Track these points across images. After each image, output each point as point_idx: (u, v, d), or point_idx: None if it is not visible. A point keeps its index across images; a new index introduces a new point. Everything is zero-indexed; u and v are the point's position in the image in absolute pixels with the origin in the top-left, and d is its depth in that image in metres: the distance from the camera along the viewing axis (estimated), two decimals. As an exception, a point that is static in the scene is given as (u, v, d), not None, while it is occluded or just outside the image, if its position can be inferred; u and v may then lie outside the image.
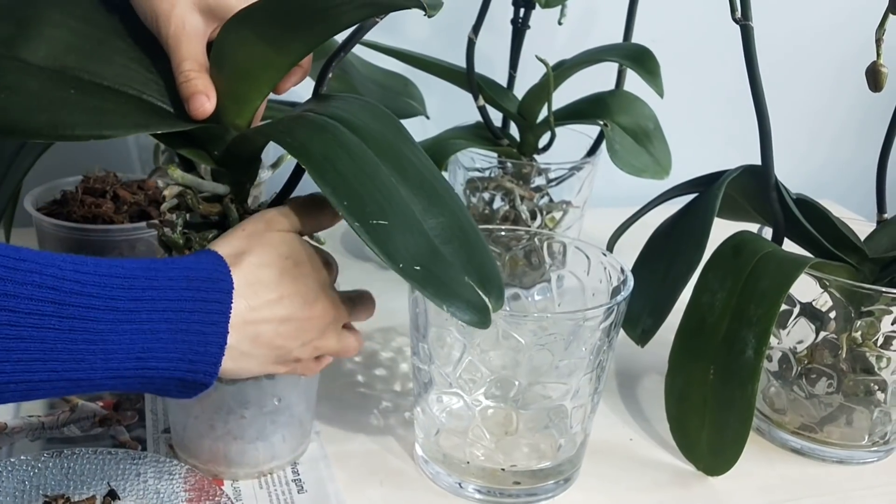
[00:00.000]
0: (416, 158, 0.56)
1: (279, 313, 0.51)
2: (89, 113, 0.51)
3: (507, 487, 0.63)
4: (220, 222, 0.58)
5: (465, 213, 0.56)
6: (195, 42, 0.55)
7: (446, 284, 0.50)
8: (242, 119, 0.56)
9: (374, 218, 0.49)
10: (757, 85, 0.64)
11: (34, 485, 0.58)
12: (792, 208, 0.68)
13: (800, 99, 1.28)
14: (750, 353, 0.62)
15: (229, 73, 0.55)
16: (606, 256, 0.66)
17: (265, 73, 0.55)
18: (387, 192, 0.51)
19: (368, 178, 0.51)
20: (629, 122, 0.87)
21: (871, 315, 0.67)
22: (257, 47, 0.54)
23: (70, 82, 0.52)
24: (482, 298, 0.52)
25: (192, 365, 0.47)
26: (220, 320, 0.48)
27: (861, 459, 0.71)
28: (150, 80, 0.55)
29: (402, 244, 0.49)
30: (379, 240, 0.49)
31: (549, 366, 0.60)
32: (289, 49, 0.54)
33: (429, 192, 0.54)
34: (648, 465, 0.69)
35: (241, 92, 0.55)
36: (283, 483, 0.63)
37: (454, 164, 0.91)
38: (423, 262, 0.50)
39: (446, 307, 0.49)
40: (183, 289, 0.47)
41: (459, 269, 0.52)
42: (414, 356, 0.64)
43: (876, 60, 0.57)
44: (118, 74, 0.54)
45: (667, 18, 1.08)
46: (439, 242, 0.52)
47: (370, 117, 0.56)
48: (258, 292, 0.51)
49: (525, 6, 0.88)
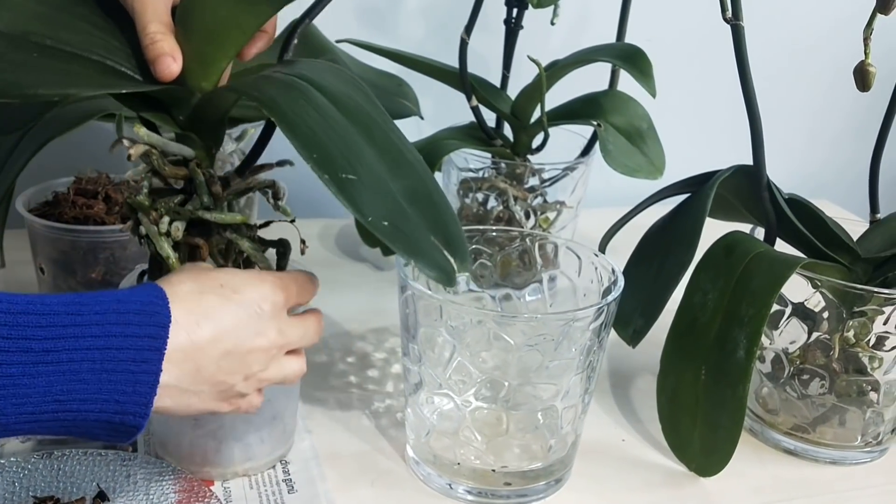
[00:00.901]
0: (384, 122, 0.55)
1: (221, 347, 0.49)
2: (54, 73, 0.50)
3: (498, 488, 0.63)
4: (184, 188, 0.58)
5: (431, 179, 0.55)
6: (160, 5, 0.54)
7: (414, 241, 0.50)
8: (208, 81, 0.55)
9: (344, 172, 0.48)
10: (748, 84, 0.64)
11: (24, 486, 0.58)
12: (784, 208, 0.68)
13: (798, 99, 1.28)
14: (741, 353, 0.62)
15: (195, 34, 0.54)
16: (598, 257, 0.66)
17: (232, 34, 0.54)
18: (356, 149, 0.51)
19: (337, 136, 0.50)
20: (623, 123, 0.86)
21: (864, 315, 0.67)
22: (224, 7, 0.53)
23: (33, 48, 0.51)
24: (447, 259, 0.51)
25: (119, 406, 0.44)
26: (152, 357, 0.46)
27: (854, 460, 0.71)
28: (115, 47, 0.55)
29: (370, 200, 0.49)
30: (348, 193, 0.48)
31: (539, 366, 0.60)
32: (256, 8, 0.54)
33: (395, 155, 0.53)
34: (640, 466, 0.68)
35: (207, 53, 0.55)
36: (273, 483, 0.63)
37: (448, 164, 0.91)
38: (391, 219, 0.49)
39: (414, 261, 0.49)
40: (111, 324, 0.44)
41: (425, 229, 0.51)
42: (404, 357, 0.64)
43: (864, 60, 0.57)
44: (82, 41, 0.53)
45: (661, 18, 1.08)
46: (406, 203, 0.52)
47: (338, 80, 0.56)
48: (200, 323, 0.48)
49: (518, 6, 0.88)
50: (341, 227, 1.06)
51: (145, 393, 0.45)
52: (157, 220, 0.56)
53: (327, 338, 0.82)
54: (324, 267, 0.65)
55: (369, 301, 0.89)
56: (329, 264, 0.96)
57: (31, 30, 0.52)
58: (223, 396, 0.51)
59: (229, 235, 0.59)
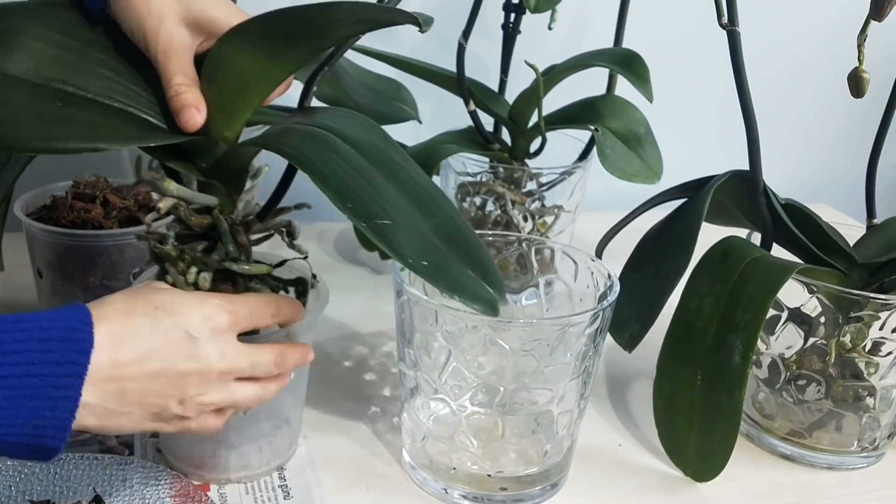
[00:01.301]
0: (407, 164, 0.57)
1: (148, 368, 0.48)
2: (81, 126, 0.51)
3: (493, 493, 0.63)
4: (207, 234, 0.58)
5: (459, 215, 0.57)
6: (184, 56, 0.55)
7: (455, 277, 0.51)
8: (231, 131, 0.56)
9: (379, 218, 0.50)
10: (744, 89, 0.64)
11: (20, 490, 0.58)
12: (780, 213, 0.68)
13: (797, 104, 1.28)
14: (737, 358, 0.62)
15: (221, 85, 0.55)
16: (594, 262, 0.66)
17: (257, 86, 0.56)
18: (386, 194, 0.52)
19: (367, 183, 0.52)
20: (620, 127, 0.87)
21: (860, 320, 0.67)
22: (251, 61, 0.54)
23: (55, 95, 0.52)
24: (487, 290, 0.53)
25: (37, 430, 0.44)
26: (73, 383, 0.45)
27: (850, 465, 0.71)
28: (135, 93, 0.56)
29: (407, 242, 0.50)
30: (386, 238, 0.49)
31: (534, 371, 0.60)
32: (282, 62, 0.55)
33: (423, 196, 0.55)
34: (636, 471, 0.68)
35: (232, 104, 0.56)
36: (270, 489, 0.63)
37: (446, 168, 0.91)
38: (429, 258, 0.51)
39: (458, 297, 0.50)
40: (31, 351, 0.44)
41: (462, 264, 0.53)
42: (400, 362, 0.64)
43: (858, 66, 0.57)
44: (103, 87, 0.54)
45: (658, 23, 1.08)
46: (439, 241, 0.53)
47: (358, 127, 0.57)
48: (124, 345, 0.48)
49: (515, 11, 0.88)
50: (339, 232, 1.06)
51: (63, 418, 0.45)
52: (185, 270, 0.57)
53: (325, 341, 0.82)
54: (322, 271, 0.65)
55: (367, 305, 0.89)
56: (327, 268, 0.97)
57: (52, 75, 0.53)
58: (159, 418, 0.50)
59: (254, 285, 0.59)
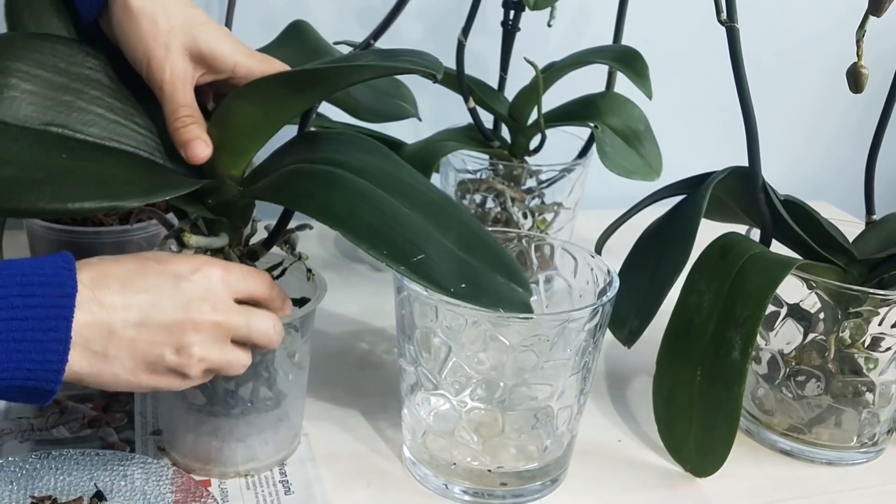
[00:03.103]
0: (415, 181, 0.57)
1: (135, 314, 0.48)
2: (91, 181, 0.51)
3: (494, 489, 0.63)
4: None
5: (471, 217, 0.58)
6: (188, 88, 0.56)
7: (491, 290, 0.53)
8: (238, 170, 0.57)
9: (413, 255, 0.51)
10: (743, 86, 0.65)
11: (22, 486, 0.58)
12: (779, 209, 0.68)
13: (796, 101, 1.28)
14: (736, 354, 0.62)
15: (230, 130, 0.56)
16: (593, 258, 0.66)
17: (265, 130, 0.57)
18: (411, 225, 0.53)
19: (392, 219, 0.52)
20: (619, 124, 0.87)
21: (859, 316, 0.67)
22: (262, 109, 0.55)
23: (58, 144, 0.52)
24: (517, 290, 0.54)
25: (31, 373, 0.45)
26: (60, 325, 0.45)
27: (850, 461, 0.71)
28: (136, 130, 0.56)
29: (442, 271, 0.51)
30: (426, 275, 0.50)
31: (534, 367, 0.60)
32: (290, 108, 0.56)
33: (436, 211, 0.56)
34: (636, 467, 0.69)
35: (239, 146, 0.57)
36: (270, 484, 0.63)
37: (445, 165, 0.91)
38: (465, 279, 0.52)
39: (502, 310, 0.52)
40: (15, 296, 0.45)
41: (491, 271, 0.54)
42: (400, 358, 0.64)
43: (856, 62, 0.57)
44: (103, 128, 0.55)
45: (658, 20, 1.08)
46: (465, 255, 0.54)
47: (363, 153, 0.57)
48: (109, 286, 0.48)
49: (515, 8, 0.89)
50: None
51: (55, 360, 0.46)
52: None
53: (325, 338, 0.82)
54: (322, 268, 0.65)
55: (367, 302, 0.89)
56: (327, 265, 0.97)
57: (50, 120, 0.53)
58: (152, 369, 0.50)
59: None
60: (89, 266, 0.48)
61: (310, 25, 0.92)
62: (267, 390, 0.61)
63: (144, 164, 0.55)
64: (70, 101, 0.54)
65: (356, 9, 1.04)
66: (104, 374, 0.48)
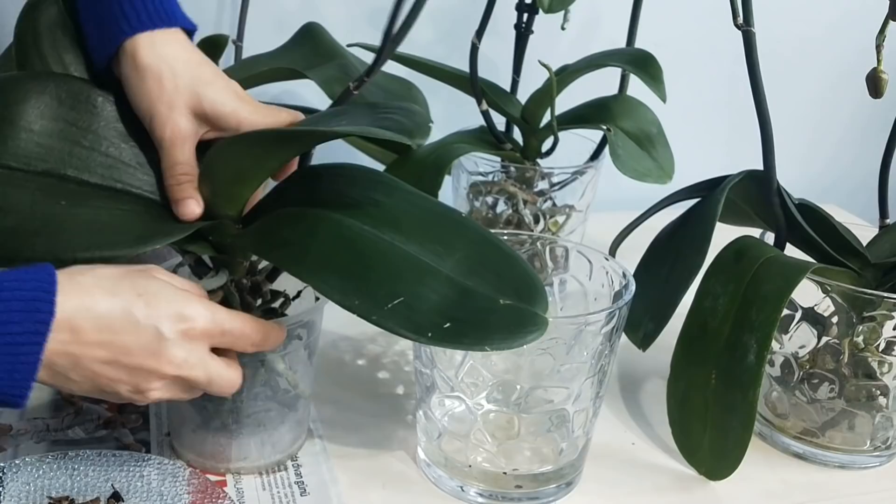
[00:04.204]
0: (412, 206, 0.56)
1: (106, 353, 0.48)
2: (86, 232, 0.51)
3: (509, 491, 0.63)
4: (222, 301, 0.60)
5: (480, 231, 0.55)
6: (188, 145, 0.57)
7: (481, 323, 0.50)
8: (234, 210, 0.58)
9: (388, 302, 0.49)
10: (759, 90, 0.65)
11: (39, 486, 0.59)
12: (794, 213, 0.68)
13: (803, 104, 1.28)
14: (752, 357, 0.63)
15: (219, 178, 0.57)
16: (608, 261, 0.66)
17: (257, 175, 0.58)
18: (395, 264, 0.51)
19: (372, 261, 0.51)
20: (632, 127, 0.87)
21: (873, 320, 0.67)
22: (249, 157, 0.56)
23: (59, 189, 0.53)
24: (526, 311, 0.51)
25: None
26: (32, 350, 0.46)
27: (863, 464, 0.71)
28: (137, 170, 0.57)
29: (423, 310, 0.49)
30: (399, 322, 0.49)
31: (550, 370, 0.60)
32: (277, 157, 0.58)
33: (437, 234, 0.54)
34: (650, 469, 0.69)
35: (233, 192, 0.58)
36: (286, 485, 0.63)
37: (458, 168, 0.91)
38: (451, 314, 0.49)
39: (488, 347, 0.49)
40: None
41: (491, 296, 0.51)
42: (416, 360, 0.64)
43: (876, 67, 0.57)
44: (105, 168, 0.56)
45: (670, 23, 1.09)
46: (465, 278, 0.52)
47: (355, 188, 0.57)
48: (87, 322, 0.47)
49: (528, 11, 0.89)
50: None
51: (24, 379, 0.46)
52: None
53: (338, 341, 0.82)
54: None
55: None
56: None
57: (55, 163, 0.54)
58: (104, 394, 0.51)
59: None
60: (73, 292, 0.47)
61: (322, 27, 0.92)
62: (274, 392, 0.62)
63: (144, 207, 0.56)
64: (74, 142, 0.55)
65: (368, 10, 1.05)
66: (58, 385, 0.49)
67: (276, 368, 0.60)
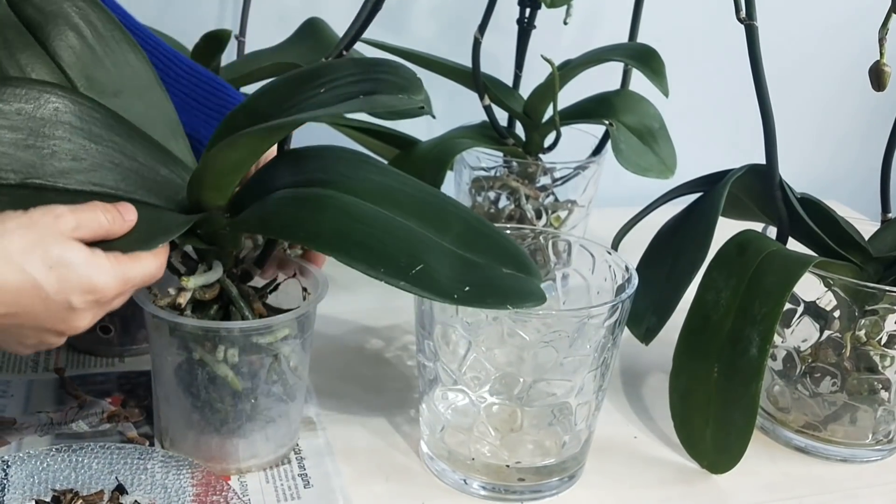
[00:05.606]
0: (405, 186, 0.57)
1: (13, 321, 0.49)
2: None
3: (511, 484, 0.63)
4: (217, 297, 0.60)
5: (470, 213, 0.57)
6: None
7: (498, 287, 0.52)
8: (223, 200, 0.58)
9: (412, 268, 0.50)
10: (761, 84, 0.65)
11: (43, 479, 0.59)
12: (796, 207, 0.69)
13: (806, 99, 1.28)
14: (754, 351, 0.63)
15: (215, 173, 0.57)
16: (611, 255, 0.66)
17: (245, 164, 0.58)
18: (406, 235, 0.52)
19: (385, 234, 0.52)
20: (634, 122, 0.87)
21: (875, 314, 0.67)
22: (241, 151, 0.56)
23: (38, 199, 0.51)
24: (527, 281, 0.53)
25: None
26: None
27: (865, 458, 0.71)
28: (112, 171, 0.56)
29: (444, 276, 0.51)
30: (427, 286, 0.50)
31: (553, 363, 0.60)
32: (268, 144, 0.58)
33: (432, 213, 0.55)
34: (652, 463, 0.69)
35: (223, 182, 0.57)
36: (290, 478, 0.63)
37: (460, 163, 0.91)
38: (469, 280, 0.51)
39: (510, 306, 0.51)
40: None
41: (497, 265, 0.53)
42: (419, 353, 0.64)
43: (879, 60, 0.57)
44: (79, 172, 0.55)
45: (672, 18, 1.09)
46: (466, 252, 0.53)
47: (350, 168, 0.57)
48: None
49: (531, 6, 0.89)
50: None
51: None
52: (213, 348, 0.58)
53: (340, 335, 0.83)
54: (335, 264, 0.65)
55: (382, 298, 0.89)
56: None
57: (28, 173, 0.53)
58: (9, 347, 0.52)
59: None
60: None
61: (325, 23, 0.92)
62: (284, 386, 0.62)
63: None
64: (39, 150, 0.53)
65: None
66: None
67: (287, 361, 0.61)
